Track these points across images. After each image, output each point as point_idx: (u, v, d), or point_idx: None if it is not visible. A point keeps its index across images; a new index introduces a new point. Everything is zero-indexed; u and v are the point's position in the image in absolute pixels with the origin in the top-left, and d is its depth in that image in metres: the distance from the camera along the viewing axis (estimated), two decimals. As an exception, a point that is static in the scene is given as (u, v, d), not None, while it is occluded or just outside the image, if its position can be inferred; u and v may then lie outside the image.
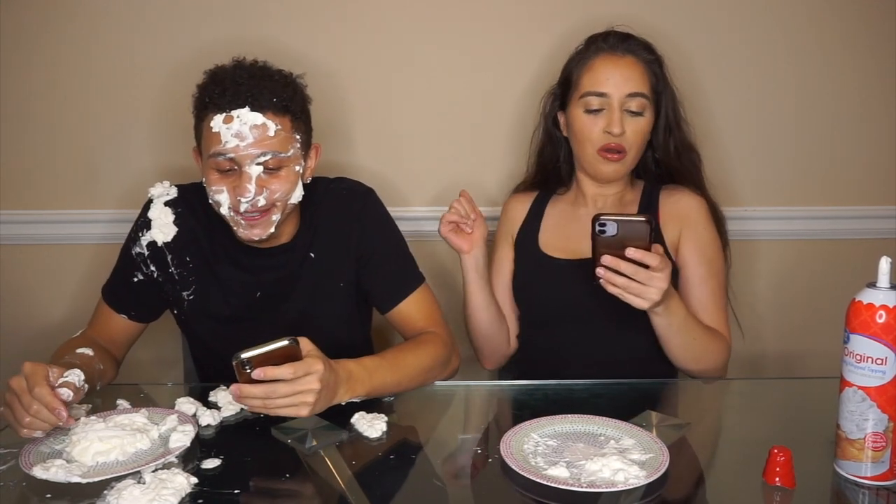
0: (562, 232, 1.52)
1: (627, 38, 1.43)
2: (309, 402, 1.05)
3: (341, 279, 1.39)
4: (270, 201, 1.25)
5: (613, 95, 1.38)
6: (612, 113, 1.38)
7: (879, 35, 1.80)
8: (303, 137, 1.29)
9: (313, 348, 1.08)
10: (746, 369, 1.89)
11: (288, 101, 1.25)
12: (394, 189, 1.80)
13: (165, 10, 1.75)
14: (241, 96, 1.21)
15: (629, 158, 1.42)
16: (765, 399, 1.25)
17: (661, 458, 1.00)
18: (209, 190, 1.26)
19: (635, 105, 1.38)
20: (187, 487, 0.95)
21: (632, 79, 1.38)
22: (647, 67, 1.41)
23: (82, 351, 1.24)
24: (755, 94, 1.83)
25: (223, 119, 1.21)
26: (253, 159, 1.22)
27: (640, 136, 1.41)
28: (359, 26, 1.77)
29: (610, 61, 1.40)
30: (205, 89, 1.25)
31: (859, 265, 1.91)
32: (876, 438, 0.87)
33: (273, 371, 1.02)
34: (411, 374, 1.25)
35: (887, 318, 0.88)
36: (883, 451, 0.86)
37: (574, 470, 0.98)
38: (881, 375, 0.86)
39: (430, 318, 1.38)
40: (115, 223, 1.74)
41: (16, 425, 1.04)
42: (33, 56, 1.76)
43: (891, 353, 0.86)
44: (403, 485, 1.00)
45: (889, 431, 0.86)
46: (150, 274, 1.37)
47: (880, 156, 1.86)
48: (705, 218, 1.46)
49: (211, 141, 1.23)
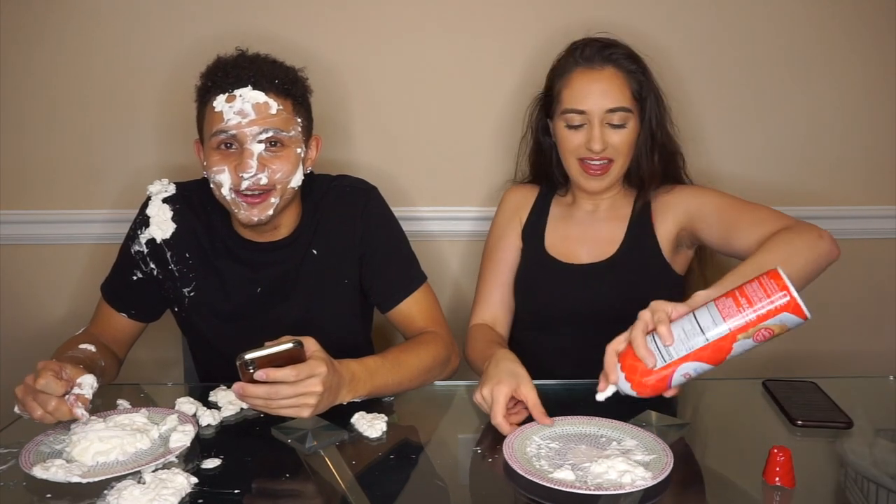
0: (564, 234, 1.51)
1: (607, 46, 1.40)
2: (311, 403, 1.05)
3: (344, 277, 1.39)
4: (272, 181, 1.25)
5: (593, 112, 1.37)
6: (591, 129, 1.37)
7: (880, 34, 1.80)
8: (304, 123, 1.31)
9: (318, 349, 1.08)
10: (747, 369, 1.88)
11: (290, 86, 1.27)
12: (394, 187, 1.80)
13: (164, 8, 1.75)
14: (244, 77, 1.24)
15: (615, 170, 1.41)
16: (765, 399, 1.25)
17: (665, 459, 0.99)
18: (210, 173, 1.26)
19: (616, 118, 1.37)
20: (187, 487, 0.95)
21: (610, 93, 1.37)
22: (628, 77, 1.39)
23: (85, 346, 1.24)
24: (755, 94, 1.83)
25: (226, 98, 1.23)
26: (255, 137, 1.23)
27: (626, 146, 1.40)
28: (360, 23, 1.77)
29: (587, 76, 1.38)
30: (208, 74, 1.28)
31: (859, 265, 1.92)
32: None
33: (276, 373, 1.03)
34: (412, 373, 1.25)
35: None
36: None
37: (579, 472, 0.97)
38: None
39: (430, 317, 1.39)
40: (115, 223, 1.74)
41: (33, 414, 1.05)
42: (32, 56, 1.76)
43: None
44: (403, 485, 1.00)
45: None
46: (149, 272, 1.37)
47: (880, 156, 1.86)
48: (698, 188, 1.45)
49: (213, 120, 1.24)
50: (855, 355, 1.91)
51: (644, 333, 1.00)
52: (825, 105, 1.84)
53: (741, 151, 1.85)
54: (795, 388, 1.26)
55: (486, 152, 1.83)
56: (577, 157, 1.41)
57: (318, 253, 1.37)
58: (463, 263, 1.88)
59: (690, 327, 0.97)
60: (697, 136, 1.83)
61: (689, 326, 0.98)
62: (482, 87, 1.81)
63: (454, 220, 1.86)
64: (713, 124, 1.83)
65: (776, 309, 0.94)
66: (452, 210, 1.85)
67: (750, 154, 1.86)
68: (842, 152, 1.86)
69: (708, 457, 1.10)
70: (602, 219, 1.49)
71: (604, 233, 1.47)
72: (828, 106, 1.84)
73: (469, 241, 1.86)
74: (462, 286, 1.88)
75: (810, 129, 1.85)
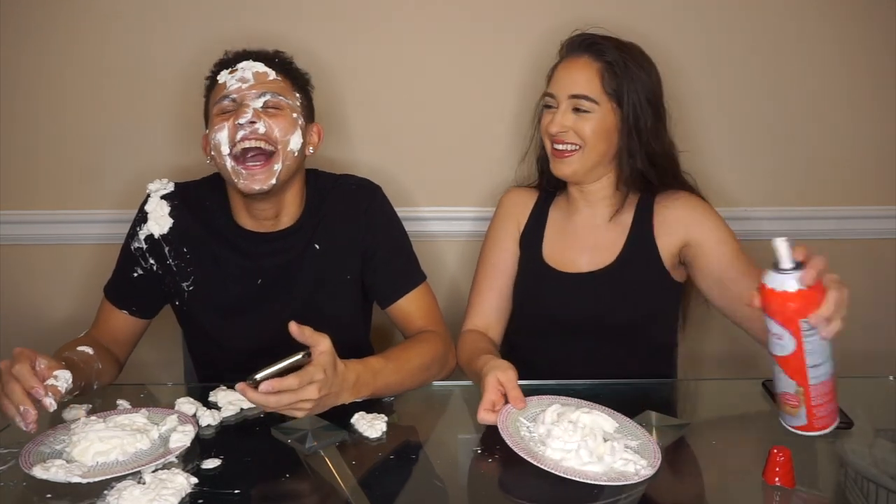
0: (562, 242, 1.50)
1: (593, 39, 1.42)
2: (306, 408, 1.06)
3: (346, 273, 1.39)
4: (270, 136, 1.26)
5: (559, 95, 1.40)
6: (556, 111, 1.41)
7: (880, 33, 1.80)
8: (303, 102, 1.35)
9: (325, 351, 1.06)
10: (747, 369, 1.89)
11: (289, 66, 1.35)
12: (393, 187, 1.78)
13: (169, 10, 1.75)
14: (247, 55, 1.32)
15: (580, 157, 1.40)
16: (765, 399, 1.25)
17: (649, 444, 1.04)
18: (211, 137, 1.28)
19: (581, 105, 1.39)
20: (187, 487, 0.95)
21: (578, 81, 1.39)
22: (605, 68, 1.38)
23: (83, 349, 1.24)
24: (756, 93, 1.83)
25: (229, 71, 1.30)
26: (254, 98, 1.28)
27: (592, 135, 1.38)
28: (360, 23, 1.77)
29: (565, 63, 1.43)
30: (216, 65, 1.35)
31: (859, 265, 1.92)
32: (787, 397, 0.98)
33: (280, 384, 1.02)
34: (414, 373, 1.25)
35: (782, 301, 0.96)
36: (797, 409, 0.98)
37: (592, 463, 0.99)
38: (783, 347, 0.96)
39: (429, 316, 1.39)
40: (117, 223, 1.73)
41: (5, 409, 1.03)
42: (34, 57, 1.76)
43: (786, 331, 0.95)
44: (403, 485, 1.00)
45: (800, 394, 0.97)
46: (149, 268, 1.38)
47: (881, 156, 1.86)
48: (709, 212, 1.42)
49: (217, 92, 1.30)
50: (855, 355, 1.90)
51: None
52: (825, 105, 1.84)
53: (741, 151, 1.85)
54: None
55: (485, 152, 1.83)
56: (549, 140, 1.43)
57: (320, 248, 1.37)
58: (461, 264, 1.88)
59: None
60: (697, 137, 1.83)
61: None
62: (482, 87, 1.81)
63: (452, 220, 1.86)
64: (713, 125, 1.83)
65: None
66: (451, 210, 1.85)
67: (750, 154, 1.85)
68: (842, 152, 1.86)
69: (708, 457, 1.10)
70: (601, 225, 1.47)
71: (603, 240, 1.45)
72: (827, 105, 1.84)
73: (467, 242, 1.86)
74: (459, 286, 1.87)
75: (810, 129, 1.85)
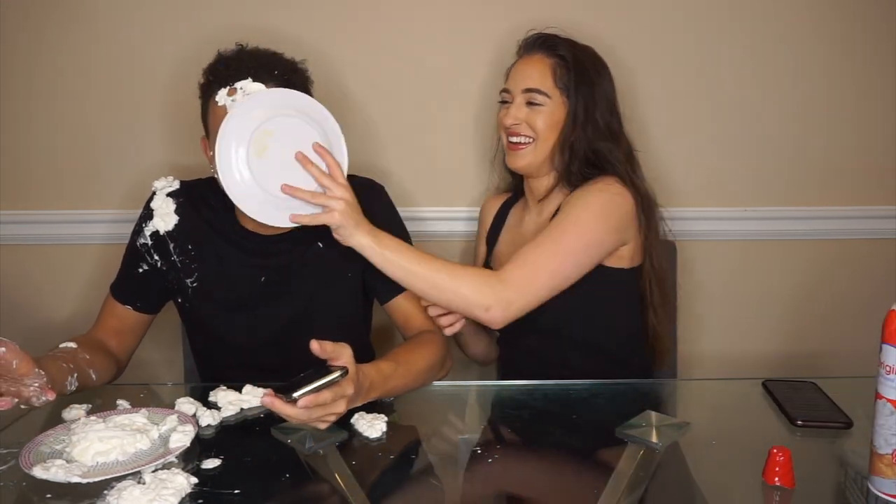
0: (513, 240, 1.53)
1: (544, 38, 1.46)
2: (331, 421, 1.06)
3: (348, 270, 1.40)
4: None
5: (513, 90, 1.45)
6: (511, 105, 1.45)
7: (878, 32, 1.80)
8: None
9: (350, 361, 1.06)
10: (747, 369, 1.89)
11: (289, 75, 1.29)
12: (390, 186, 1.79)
13: (167, 7, 1.74)
14: (244, 70, 1.26)
15: (533, 149, 1.43)
16: (765, 399, 1.25)
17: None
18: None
19: (534, 98, 1.43)
20: (187, 487, 0.95)
21: (531, 76, 1.43)
22: (557, 64, 1.42)
23: (65, 345, 1.23)
24: (755, 93, 1.83)
25: (227, 92, 1.25)
26: None
27: (545, 128, 1.42)
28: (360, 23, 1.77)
29: (521, 62, 1.47)
30: (209, 70, 1.30)
31: (860, 265, 1.92)
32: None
33: (316, 400, 1.01)
34: (418, 375, 1.26)
35: None
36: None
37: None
38: None
39: (428, 316, 1.39)
40: (120, 223, 1.74)
41: None
42: (35, 55, 1.76)
43: None
44: (403, 485, 1.01)
45: None
46: (154, 264, 1.38)
47: (880, 156, 1.86)
48: (585, 190, 1.39)
49: (216, 116, 1.26)
50: (855, 355, 1.91)
51: None
52: (826, 105, 1.84)
53: (741, 152, 1.85)
54: (795, 389, 1.26)
55: (481, 153, 1.83)
56: (505, 133, 1.47)
57: (323, 245, 1.38)
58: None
59: None
60: (698, 137, 1.83)
61: None
62: (480, 87, 1.80)
63: (453, 220, 1.86)
64: (711, 125, 1.83)
65: None
66: (451, 210, 1.85)
67: (750, 154, 1.85)
68: (842, 152, 1.86)
69: (708, 457, 1.10)
70: (544, 222, 1.46)
71: None
72: (827, 105, 1.83)
73: (467, 242, 1.85)
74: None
75: (810, 129, 1.85)
